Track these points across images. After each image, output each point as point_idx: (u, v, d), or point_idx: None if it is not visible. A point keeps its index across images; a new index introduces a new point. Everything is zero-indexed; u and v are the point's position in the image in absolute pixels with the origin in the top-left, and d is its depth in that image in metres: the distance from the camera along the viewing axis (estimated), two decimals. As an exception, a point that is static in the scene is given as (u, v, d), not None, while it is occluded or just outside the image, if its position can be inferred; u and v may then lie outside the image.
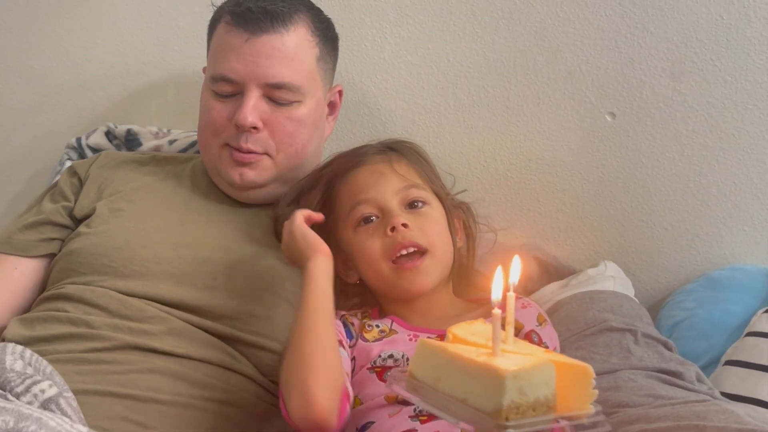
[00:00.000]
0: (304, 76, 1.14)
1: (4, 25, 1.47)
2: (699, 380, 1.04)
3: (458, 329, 0.75)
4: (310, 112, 1.16)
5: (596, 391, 0.70)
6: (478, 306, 1.07)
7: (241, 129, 1.11)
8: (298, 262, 1.00)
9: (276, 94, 1.12)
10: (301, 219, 1.01)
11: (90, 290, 1.05)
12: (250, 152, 1.13)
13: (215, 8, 1.19)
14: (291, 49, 1.12)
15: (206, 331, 1.04)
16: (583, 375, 0.70)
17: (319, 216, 1.05)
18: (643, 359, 1.05)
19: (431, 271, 1.03)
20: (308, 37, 1.15)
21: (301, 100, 1.14)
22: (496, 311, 0.67)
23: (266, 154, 1.14)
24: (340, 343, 1.00)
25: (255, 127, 1.11)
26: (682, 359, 1.09)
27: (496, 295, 0.70)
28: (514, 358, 0.67)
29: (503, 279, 0.71)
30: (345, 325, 1.04)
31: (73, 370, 0.95)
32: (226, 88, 1.13)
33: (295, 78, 1.13)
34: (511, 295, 0.70)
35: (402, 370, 0.76)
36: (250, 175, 1.14)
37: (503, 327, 0.70)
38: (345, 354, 1.00)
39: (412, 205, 1.06)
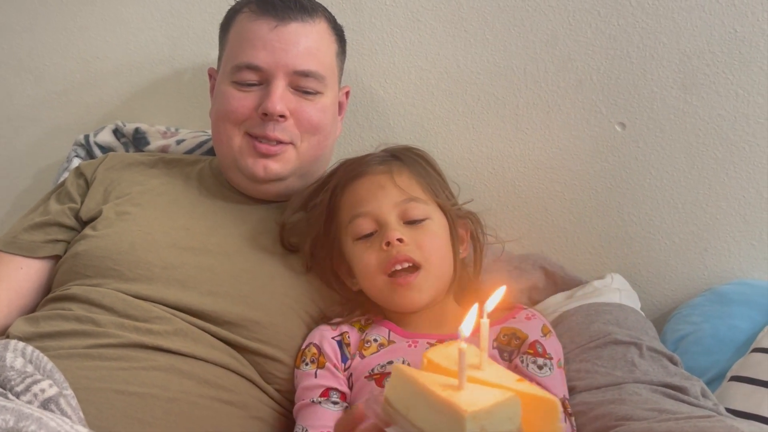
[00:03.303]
0: (327, 68, 1.16)
1: (17, 22, 1.47)
2: (704, 395, 1.03)
3: (434, 353, 0.72)
4: (330, 104, 1.18)
5: (563, 425, 0.68)
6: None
7: (270, 118, 1.11)
8: None
9: (302, 82, 1.13)
10: None
11: (96, 291, 1.04)
12: (278, 141, 1.13)
13: (235, 1, 1.20)
14: (316, 39, 1.14)
15: (211, 334, 1.04)
16: (550, 408, 0.68)
17: None
18: (648, 373, 1.04)
19: (424, 287, 1.03)
20: (329, 31, 1.18)
21: (323, 91, 1.15)
22: (463, 345, 0.64)
23: (291, 143, 1.14)
24: (330, 369, 1.01)
25: (283, 116, 1.11)
26: (687, 374, 1.08)
27: (466, 329, 0.66)
28: (479, 392, 0.65)
29: (477, 311, 0.68)
30: (341, 347, 1.04)
31: (76, 366, 0.95)
32: (250, 77, 1.13)
33: (321, 68, 1.14)
34: (485, 321, 0.68)
35: (380, 393, 0.75)
36: (275, 167, 1.14)
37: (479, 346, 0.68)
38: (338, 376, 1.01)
39: (410, 219, 1.05)
